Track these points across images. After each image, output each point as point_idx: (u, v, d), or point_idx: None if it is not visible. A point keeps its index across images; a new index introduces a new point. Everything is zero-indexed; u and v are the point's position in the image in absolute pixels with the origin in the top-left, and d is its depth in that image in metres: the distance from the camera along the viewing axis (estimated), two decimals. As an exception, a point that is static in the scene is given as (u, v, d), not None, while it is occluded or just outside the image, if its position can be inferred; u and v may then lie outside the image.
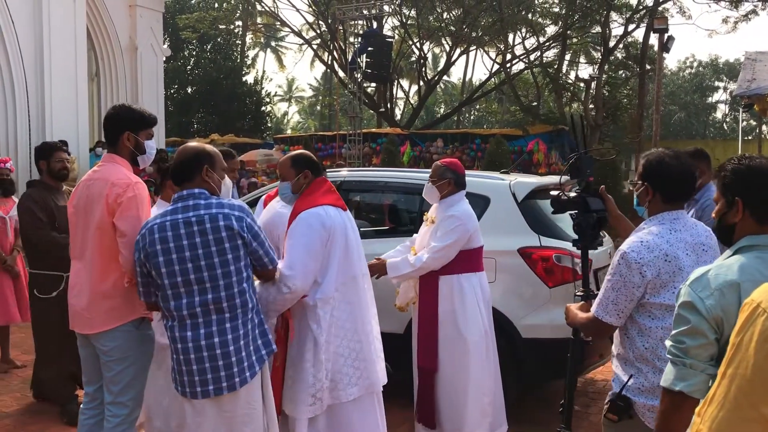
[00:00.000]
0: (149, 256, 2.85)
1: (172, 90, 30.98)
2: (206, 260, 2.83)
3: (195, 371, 2.84)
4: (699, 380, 1.89)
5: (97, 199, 3.20)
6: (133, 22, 14.47)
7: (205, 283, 2.83)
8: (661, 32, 19.25)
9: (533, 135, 21.40)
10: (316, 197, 3.46)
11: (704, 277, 1.94)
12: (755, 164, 2.03)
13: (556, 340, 4.69)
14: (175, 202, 2.91)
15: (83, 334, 3.36)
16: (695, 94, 51.55)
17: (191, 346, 2.84)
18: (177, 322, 2.87)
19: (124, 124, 3.32)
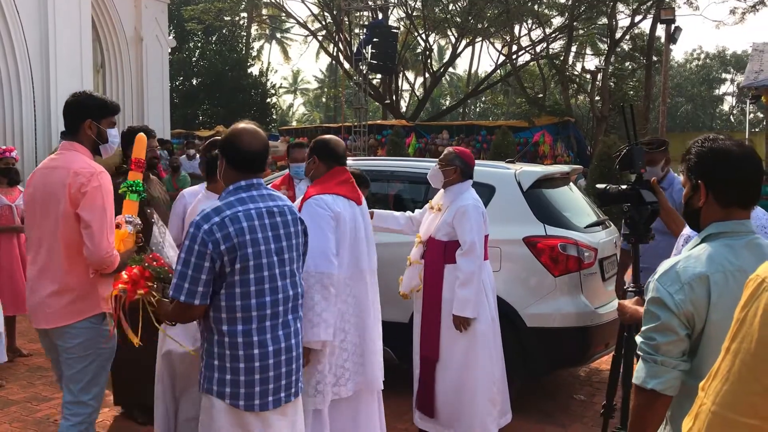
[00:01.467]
0: (239, 246, 2.46)
1: (178, 82, 30.98)
2: (289, 253, 2.62)
3: (271, 378, 2.54)
4: (671, 377, 1.85)
5: (58, 189, 3.04)
6: (139, 13, 14.45)
7: (287, 278, 2.61)
8: (668, 23, 19.16)
9: (539, 126, 21.32)
10: (329, 185, 3.50)
11: (672, 271, 1.88)
12: (717, 145, 1.96)
13: (561, 329, 4.70)
14: (246, 190, 2.59)
15: (43, 330, 3.19)
16: (702, 86, 51.29)
17: (272, 350, 2.54)
18: (255, 324, 2.52)
19: (86, 112, 3.18)
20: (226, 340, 2.51)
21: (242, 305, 2.50)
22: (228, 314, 2.50)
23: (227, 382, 2.50)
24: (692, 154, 2.00)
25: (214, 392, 2.51)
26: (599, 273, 4.90)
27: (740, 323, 1.23)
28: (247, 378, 2.50)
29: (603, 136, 20.56)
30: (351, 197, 3.51)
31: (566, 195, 5.32)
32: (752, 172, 1.94)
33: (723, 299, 1.82)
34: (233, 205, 2.52)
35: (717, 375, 1.26)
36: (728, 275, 1.84)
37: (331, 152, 3.58)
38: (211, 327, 2.54)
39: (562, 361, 4.99)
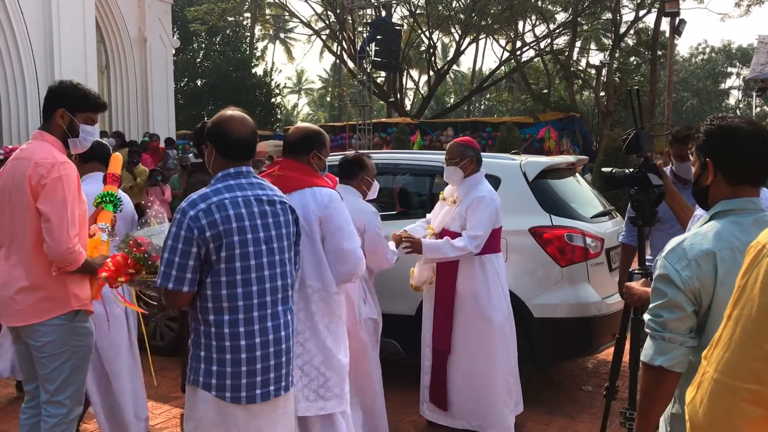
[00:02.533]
0: (224, 234, 2.41)
1: (182, 83, 31.05)
2: (278, 242, 2.55)
3: (259, 371, 2.48)
4: (678, 354, 1.85)
5: (22, 181, 2.89)
6: (142, 14, 14.49)
7: (276, 268, 2.53)
8: (672, 16, 19.09)
9: (544, 122, 21.32)
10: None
11: (680, 248, 1.88)
12: (726, 123, 1.96)
13: (568, 320, 4.68)
14: (235, 178, 2.54)
15: (14, 328, 3.06)
16: (708, 81, 51.10)
17: (259, 342, 2.47)
18: (242, 314, 2.45)
19: (61, 100, 3.02)
20: (213, 331, 2.45)
21: (228, 294, 2.44)
22: (214, 303, 2.45)
23: (214, 373, 2.45)
24: (701, 133, 1.99)
25: (200, 384, 2.46)
26: (606, 263, 4.88)
27: (741, 290, 1.22)
28: (234, 370, 2.44)
29: (608, 130, 20.53)
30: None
31: (572, 185, 5.30)
32: (761, 149, 1.93)
33: (730, 275, 1.80)
34: (220, 192, 2.47)
35: (719, 343, 1.25)
36: (736, 251, 1.83)
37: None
38: (197, 317, 2.49)
39: (570, 352, 4.97)
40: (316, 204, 3.14)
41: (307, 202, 3.13)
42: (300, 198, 3.10)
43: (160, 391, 4.93)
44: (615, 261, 5.05)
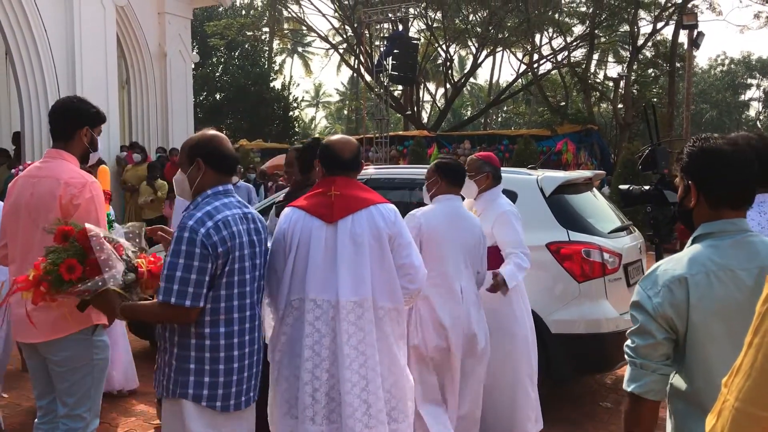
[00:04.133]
0: (231, 249, 2.53)
1: (201, 96, 31.34)
2: (259, 258, 2.72)
3: (245, 378, 2.63)
4: (650, 380, 1.84)
5: (48, 200, 2.91)
6: (162, 29, 14.65)
7: (256, 282, 2.71)
8: (690, 28, 19.00)
9: (561, 135, 21.20)
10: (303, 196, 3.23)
11: (653, 274, 1.87)
12: (708, 146, 1.91)
13: (586, 336, 4.66)
14: (225, 195, 2.63)
15: (29, 344, 3.07)
16: (727, 92, 50.69)
17: (248, 351, 2.63)
18: (237, 326, 2.58)
19: (85, 119, 3.10)
20: (207, 343, 2.54)
21: (226, 307, 2.56)
22: (212, 317, 2.54)
23: (205, 384, 2.53)
24: (684, 154, 1.97)
25: (189, 396, 2.52)
26: (624, 279, 4.86)
27: (762, 317, 1.21)
28: (226, 379, 2.56)
29: (627, 143, 20.41)
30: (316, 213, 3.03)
31: (589, 200, 5.28)
32: (741, 174, 1.87)
33: (704, 301, 1.79)
34: (221, 210, 2.57)
35: (739, 371, 1.24)
36: (711, 275, 1.81)
37: (324, 158, 3.16)
38: (188, 331, 2.54)
39: (588, 368, 4.95)
40: (385, 221, 3.03)
41: (377, 221, 3.01)
42: (368, 217, 3.00)
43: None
44: (633, 276, 5.02)
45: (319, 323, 2.91)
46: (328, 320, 2.91)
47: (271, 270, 2.99)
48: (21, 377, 5.58)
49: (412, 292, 3.13)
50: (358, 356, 2.91)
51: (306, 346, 2.89)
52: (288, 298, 2.97)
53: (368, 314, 2.95)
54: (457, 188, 4.00)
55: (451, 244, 3.83)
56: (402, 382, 3.07)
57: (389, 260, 3.03)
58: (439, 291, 3.79)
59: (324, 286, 2.93)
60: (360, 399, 2.89)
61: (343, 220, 2.97)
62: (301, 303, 2.94)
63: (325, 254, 2.95)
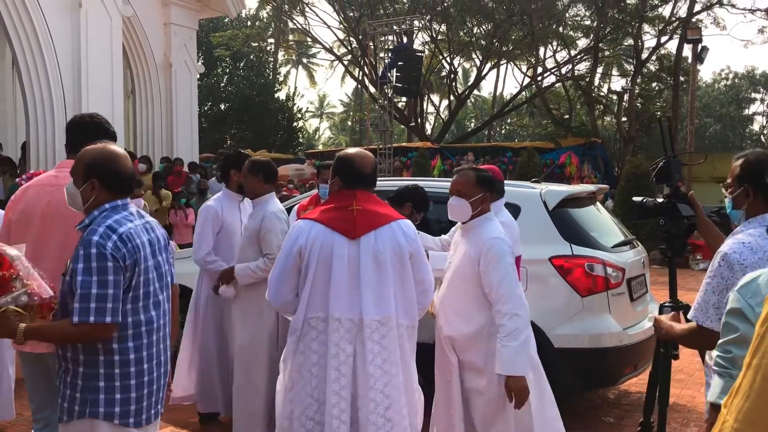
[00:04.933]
0: (136, 262, 2.50)
1: (206, 107, 31.46)
2: (164, 267, 2.69)
3: (155, 391, 2.60)
4: None
5: (65, 209, 2.83)
6: (168, 40, 14.72)
7: (164, 292, 2.66)
8: (694, 43, 19.04)
9: (565, 148, 21.25)
10: (318, 207, 3.20)
11: (754, 283, 1.78)
12: None
13: (588, 350, 4.64)
14: (124, 209, 2.59)
15: (38, 355, 3.03)
16: (731, 106, 50.67)
17: (155, 362, 2.60)
18: (146, 339, 2.55)
19: (97, 134, 3.09)
20: (117, 359, 2.48)
21: (134, 321, 2.51)
22: (120, 332, 2.48)
23: (117, 401, 2.47)
24: None
25: (100, 415, 2.45)
26: (627, 293, 4.85)
27: (761, 338, 1.21)
28: (138, 394, 2.52)
29: (630, 156, 20.42)
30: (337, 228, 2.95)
31: (593, 214, 5.29)
32: None
33: None
34: (123, 223, 2.52)
35: (739, 392, 1.24)
36: None
37: (344, 171, 3.09)
38: (95, 348, 2.47)
39: (590, 383, 4.93)
40: (406, 238, 2.98)
41: (398, 238, 2.96)
42: (390, 233, 2.95)
43: (174, 415, 4.95)
44: (636, 291, 5.01)
45: (344, 343, 2.87)
46: (352, 339, 2.87)
47: (280, 279, 2.97)
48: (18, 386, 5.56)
49: (426, 306, 3.12)
50: (382, 375, 2.88)
51: (332, 367, 2.84)
52: (306, 315, 2.92)
53: (392, 333, 2.91)
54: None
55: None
56: (415, 398, 3.06)
57: (410, 278, 2.99)
58: None
59: (348, 305, 2.88)
60: (384, 418, 2.85)
61: (366, 236, 2.91)
62: (322, 322, 2.89)
63: (348, 272, 2.88)
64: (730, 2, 24.69)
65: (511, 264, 3.34)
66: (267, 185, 4.40)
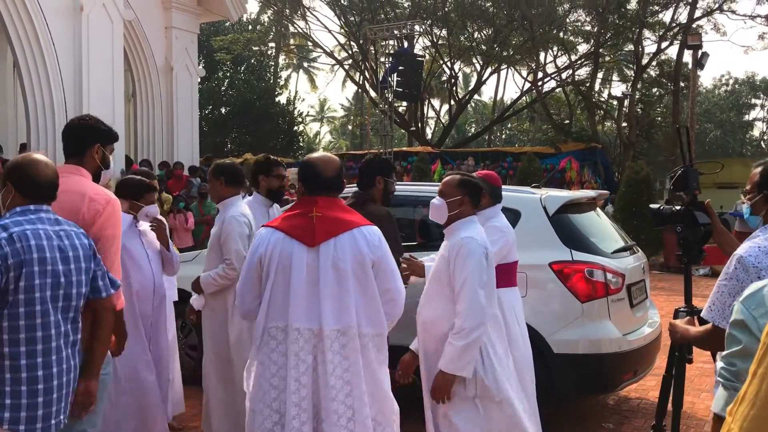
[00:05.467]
0: (25, 263, 2.44)
1: (207, 110, 31.48)
2: (77, 276, 2.63)
3: (54, 401, 2.52)
4: None
5: (70, 213, 2.89)
6: (169, 43, 14.76)
7: (72, 300, 2.61)
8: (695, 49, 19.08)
9: (565, 153, 21.26)
10: (282, 214, 3.15)
11: (759, 294, 1.76)
12: None
13: (588, 356, 4.63)
14: (35, 213, 2.58)
15: None
16: (731, 112, 50.73)
17: (56, 371, 2.53)
18: (42, 344, 2.49)
19: (96, 136, 3.13)
20: (7, 363, 2.44)
21: (27, 325, 2.47)
22: (10, 334, 2.44)
23: (6, 406, 2.42)
24: None
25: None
26: (627, 299, 4.84)
27: (766, 348, 1.21)
28: (30, 401, 2.45)
29: (630, 162, 20.43)
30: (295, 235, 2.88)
31: (593, 220, 5.28)
32: None
33: None
34: (21, 224, 2.51)
35: (744, 399, 1.24)
36: None
37: (306, 177, 3.03)
38: None
39: (590, 389, 4.91)
40: (368, 246, 2.88)
41: (360, 245, 2.86)
42: (351, 241, 2.86)
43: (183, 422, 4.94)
44: (636, 296, 5.01)
45: (303, 353, 2.79)
46: (312, 350, 2.79)
47: (243, 288, 2.95)
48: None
49: (394, 317, 3.00)
50: (343, 386, 2.80)
51: (292, 378, 2.77)
52: (266, 325, 2.85)
53: (353, 342, 2.82)
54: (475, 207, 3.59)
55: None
56: (387, 409, 2.95)
57: (373, 286, 2.89)
58: (494, 322, 3.47)
59: (307, 315, 2.80)
60: (347, 429, 2.78)
61: (325, 243, 2.83)
62: (282, 332, 2.82)
63: (307, 281, 2.81)
64: (730, 8, 24.77)
65: (477, 264, 3.26)
66: (230, 188, 4.28)
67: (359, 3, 28.28)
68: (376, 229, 2.96)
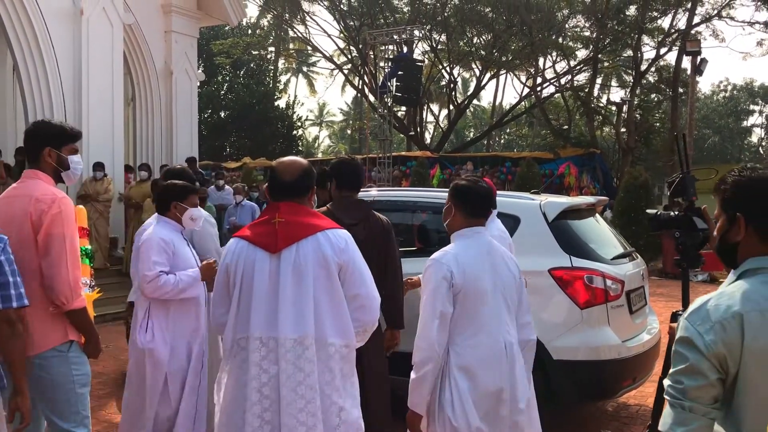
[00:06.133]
0: None
1: (206, 114, 31.50)
2: None
3: None
4: (699, 425, 1.69)
5: (18, 217, 2.95)
6: (169, 47, 14.75)
7: None
8: (693, 55, 19.12)
9: (564, 158, 21.27)
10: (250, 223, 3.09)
11: (703, 309, 1.73)
12: (758, 175, 1.81)
13: (587, 363, 4.63)
14: None
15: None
16: (730, 118, 50.85)
17: None
18: None
19: (44, 140, 3.12)
20: None
21: None
22: None
23: None
24: (728, 185, 1.85)
25: None
26: (626, 305, 4.84)
27: None
28: None
29: (629, 167, 20.45)
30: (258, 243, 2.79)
31: (592, 226, 5.29)
32: None
33: (758, 341, 1.67)
34: None
35: None
36: (765, 314, 1.69)
37: (270, 182, 2.94)
38: None
39: (589, 395, 4.92)
40: (333, 249, 2.75)
41: (324, 249, 2.74)
42: (314, 245, 2.74)
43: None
44: (635, 303, 5.01)
45: (266, 363, 2.68)
46: (276, 359, 2.67)
47: (214, 301, 2.90)
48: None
49: (366, 325, 2.82)
50: (296, 399, 2.65)
51: (253, 389, 2.66)
52: (234, 336, 2.76)
53: (309, 353, 2.67)
54: (480, 219, 3.23)
55: (490, 290, 3.08)
56: (350, 421, 2.77)
57: (339, 292, 2.75)
58: (481, 353, 3.04)
59: (268, 323, 2.69)
60: None
61: (287, 249, 2.73)
62: (247, 342, 2.72)
63: (269, 288, 2.72)
64: (729, 15, 24.84)
65: (433, 292, 3.01)
66: None
67: (359, 8, 28.35)
68: (343, 232, 2.84)
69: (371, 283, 2.85)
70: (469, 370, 3.01)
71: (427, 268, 3.09)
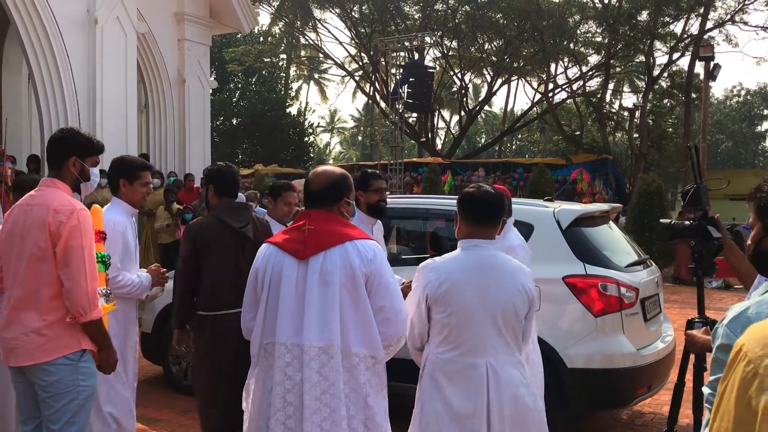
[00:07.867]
0: None
1: (218, 121, 31.69)
2: None
3: None
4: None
5: (36, 226, 2.96)
6: (182, 55, 14.87)
7: None
8: (706, 60, 19.02)
9: (576, 164, 21.22)
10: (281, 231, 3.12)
11: (743, 316, 1.70)
12: None
13: (602, 371, 4.60)
14: None
15: (17, 368, 3.06)
16: (743, 123, 50.53)
17: None
18: None
19: (72, 149, 3.13)
20: None
21: None
22: None
23: None
24: (765, 193, 1.81)
25: None
26: (641, 313, 4.81)
27: (720, 398, 1.13)
28: None
29: (642, 173, 20.35)
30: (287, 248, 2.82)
31: (606, 233, 5.26)
32: None
33: None
34: None
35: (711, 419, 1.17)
36: None
37: (304, 191, 2.98)
38: None
39: (604, 403, 4.88)
40: (361, 259, 2.73)
41: (351, 259, 2.73)
42: (342, 254, 2.73)
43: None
44: (650, 311, 4.97)
45: (291, 369, 2.68)
46: (301, 366, 2.67)
47: (245, 306, 2.92)
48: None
49: (391, 339, 2.76)
50: (320, 408, 2.63)
51: (277, 395, 2.67)
52: (261, 341, 2.79)
53: (334, 362, 2.65)
54: (483, 229, 2.98)
55: (477, 308, 2.85)
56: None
57: (365, 302, 2.72)
58: (455, 368, 2.86)
59: (294, 329, 2.70)
60: None
61: (315, 257, 2.74)
62: (273, 347, 2.73)
63: (295, 294, 2.73)
64: (742, 19, 24.70)
65: (409, 298, 2.98)
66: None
67: (370, 15, 28.43)
68: (372, 243, 2.82)
69: (398, 296, 2.82)
70: (439, 383, 2.87)
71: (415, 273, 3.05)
